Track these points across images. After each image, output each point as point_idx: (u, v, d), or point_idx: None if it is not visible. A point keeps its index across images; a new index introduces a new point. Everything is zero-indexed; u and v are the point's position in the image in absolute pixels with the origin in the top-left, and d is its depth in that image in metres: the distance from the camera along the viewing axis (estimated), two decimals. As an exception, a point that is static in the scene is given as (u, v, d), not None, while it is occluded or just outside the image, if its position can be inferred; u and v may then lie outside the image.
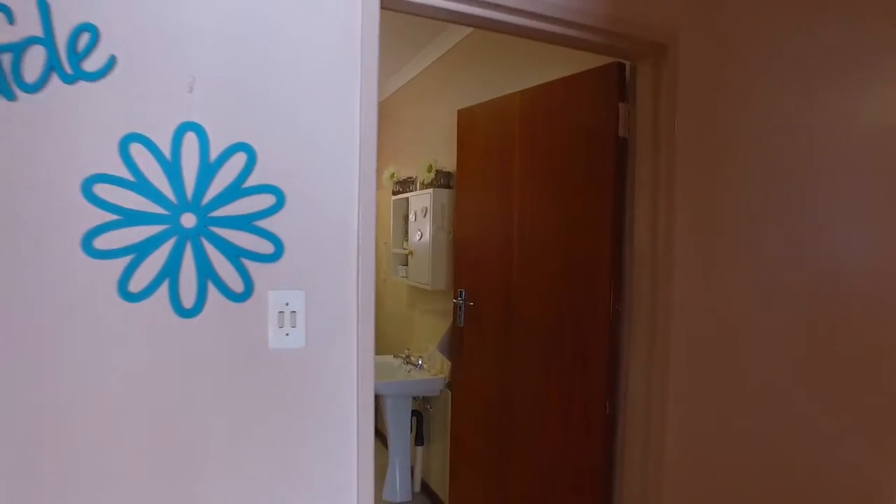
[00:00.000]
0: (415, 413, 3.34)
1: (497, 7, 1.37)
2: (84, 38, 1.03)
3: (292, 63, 1.21)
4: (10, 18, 0.97)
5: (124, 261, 1.10)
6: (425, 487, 3.35)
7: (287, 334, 1.21)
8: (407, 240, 3.52)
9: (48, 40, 1.00)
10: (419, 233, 3.25)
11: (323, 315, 1.24)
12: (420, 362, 3.27)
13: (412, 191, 3.43)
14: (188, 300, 1.14)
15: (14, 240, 1.01)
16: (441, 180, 3.04)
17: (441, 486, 3.08)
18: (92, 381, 1.08)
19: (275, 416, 1.21)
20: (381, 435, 3.94)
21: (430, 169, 3.14)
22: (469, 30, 2.65)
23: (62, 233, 1.04)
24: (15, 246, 1.01)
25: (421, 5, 1.35)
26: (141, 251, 1.11)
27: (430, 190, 3.05)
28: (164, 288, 1.13)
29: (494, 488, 2.31)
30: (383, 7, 1.30)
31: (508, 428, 2.21)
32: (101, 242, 1.08)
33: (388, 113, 3.91)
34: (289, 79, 1.21)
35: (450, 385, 2.91)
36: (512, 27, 1.46)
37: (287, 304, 1.21)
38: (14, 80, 0.99)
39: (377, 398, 3.53)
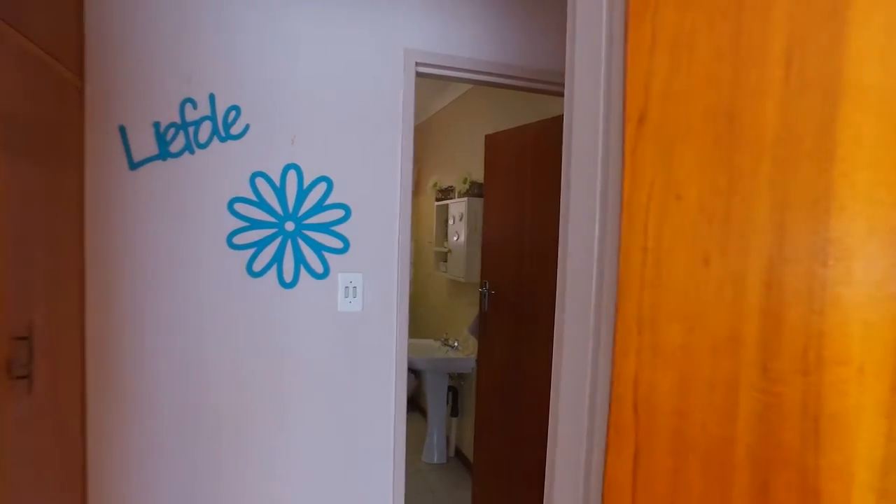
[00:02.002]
0: (450, 388, 3.91)
1: (490, 73, 1.94)
2: (232, 115, 1.68)
3: (355, 122, 1.82)
4: (195, 106, 1.63)
5: (250, 251, 1.74)
6: (458, 453, 3.93)
7: (350, 302, 1.82)
8: (447, 240, 4.11)
9: (213, 117, 1.66)
10: (457, 234, 3.83)
11: (374, 290, 1.85)
12: (455, 344, 3.85)
13: (451, 198, 4.01)
14: (288, 277, 1.78)
15: (195, 236, 1.67)
16: (475, 190, 3.61)
17: (471, 452, 3.65)
18: (230, 327, 1.72)
19: (343, 353, 1.83)
20: (421, 409, 4.55)
21: (465, 181, 3.72)
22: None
23: (218, 233, 1.69)
24: (196, 240, 1.67)
25: (439, 75, 1.93)
26: (260, 245, 1.75)
27: (466, 198, 3.63)
28: (273, 269, 1.76)
29: (509, 450, 2.86)
30: (418, 75, 1.90)
31: (520, 397, 2.76)
32: (237, 240, 1.72)
33: (433, 130, 4.52)
34: (353, 132, 1.82)
35: (478, 362, 3.47)
36: (505, 85, 2.03)
37: (351, 281, 1.82)
38: (194, 141, 1.64)
39: (419, 374, 4.14)
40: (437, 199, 4.30)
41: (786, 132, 0.49)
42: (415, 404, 4.71)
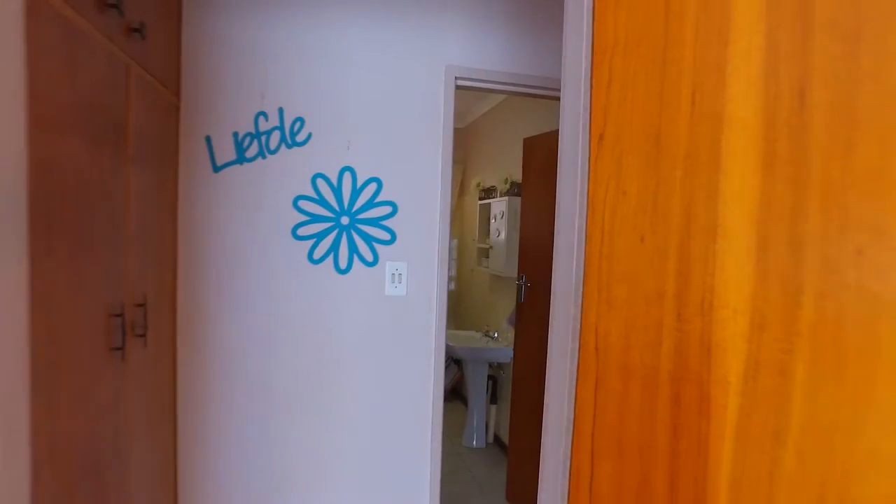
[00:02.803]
0: (490, 377, 4.14)
1: (522, 85, 2.15)
2: (297, 125, 1.97)
3: (402, 129, 2.08)
4: (266, 118, 1.93)
5: (311, 242, 2.03)
6: (496, 438, 4.15)
7: (395, 287, 2.09)
8: (489, 237, 4.33)
9: (281, 128, 1.96)
10: (498, 231, 4.05)
11: (417, 276, 2.11)
12: (495, 335, 4.08)
13: (493, 198, 4.24)
14: (343, 264, 2.05)
15: (266, 228, 1.97)
16: (514, 190, 3.82)
17: (508, 437, 3.86)
18: (294, 305, 2.02)
19: (388, 331, 2.10)
20: (463, 398, 4.80)
21: (506, 181, 3.94)
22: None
23: (284, 226, 1.99)
24: (266, 231, 1.97)
25: (477, 88, 2.16)
26: (319, 237, 2.03)
27: (507, 198, 3.85)
28: (330, 257, 2.05)
29: (539, 435, 3.07)
30: (457, 88, 2.14)
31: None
32: (300, 232, 2.01)
33: (477, 133, 4.75)
34: (400, 139, 2.08)
35: (514, 351, 3.69)
36: (536, 95, 2.24)
37: (397, 269, 2.09)
38: (266, 148, 1.95)
39: (461, 364, 4.38)
40: (480, 199, 4.53)
41: (692, 149, 0.70)
42: (457, 393, 4.96)
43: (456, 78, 2.06)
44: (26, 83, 0.86)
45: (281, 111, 1.96)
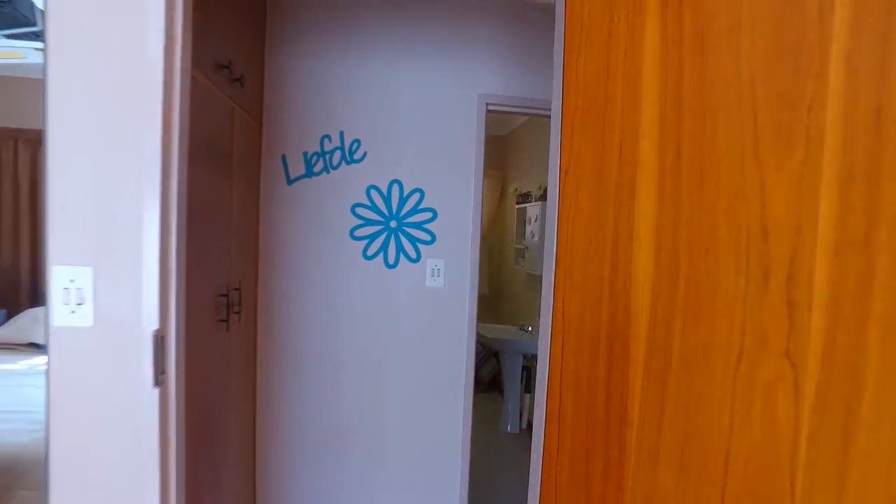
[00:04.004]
0: (524, 368, 4.48)
1: (545, 108, 2.49)
2: (355, 146, 2.40)
3: (441, 148, 2.46)
4: (330, 140, 2.37)
5: (365, 241, 2.45)
6: (529, 425, 4.48)
7: (435, 280, 2.48)
8: (524, 238, 4.67)
9: (342, 148, 2.39)
10: (532, 233, 4.39)
11: (453, 271, 2.49)
12: (529, 328, 4.41)
13: (529, 202, 4.57)
14: (391, 261, 2.46)
15: (329, 230, 2.41)
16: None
17: (540, 420, 4.19)
18: (350, 293, 2.44)
19: (429, 317, 2.49)
20: (500, 389, 5.15)
21: (540, 187, 4.27)
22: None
23: (344, 228, 2.42)
24: (329, 233, 2.41)
25: (505, 111, 2.53)
26: (372, 237, 2.45)
27: (540, 202, 4.18)
28: (381, 255, 2.46)
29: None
30: (488, 112, 2.51)
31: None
32: (356, 233, 2.44)
33: (515, 142, 5.10)
34: (439, 156, 2.47)
35: (547, 344, 4.01)
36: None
37: (436, 265, 2.48)
38: (329, 165, 2.38)
39: (498, 357, 4.74)
40: (517, 203, 4.87)
41: (620, 181, 1.05)
42: (494, 384, 5.32)
43: (487, 104, 2.44)
44: (179, 125, 1.29)
45: (342, 134, 2.39)
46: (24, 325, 4.03)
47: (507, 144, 5.31)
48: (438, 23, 2.42)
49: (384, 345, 2.47)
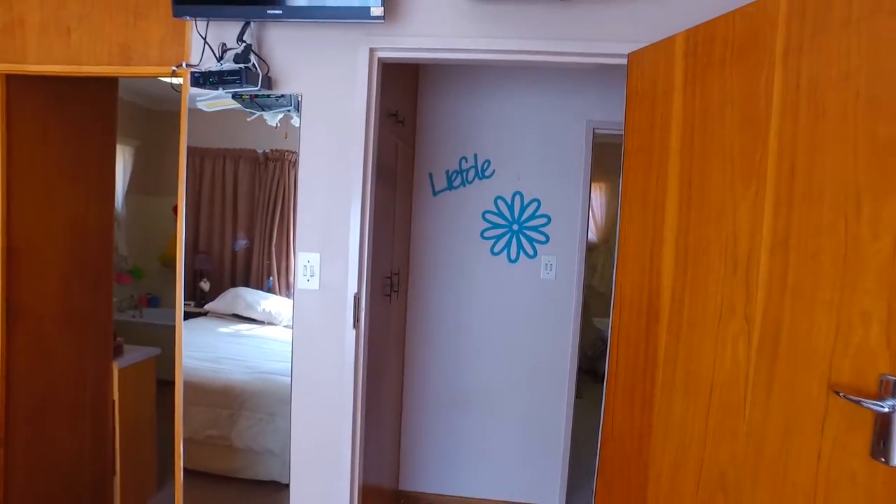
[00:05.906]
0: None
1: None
2: (485, 164, 3.01)
3: (555, 165, 2.98)
4: (466, 160, 3.01)
5: (492, 241, 3.05)
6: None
7: (548, 273, 3.00)
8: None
9: (476, 166, 3.01)
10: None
11: (563, 266, 3.00)
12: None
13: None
14: (513, 257, 3.04)
15: (465, 233, 3.05)
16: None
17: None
18: (480, 282, 3.06)
19: (542, 303, 3.02)
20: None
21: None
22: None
23: (476, 230, 3.04)
24: (464, 235, 3.05)
25: (611, 134, 2.96)
26: (498, 238, 3.04)
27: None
28: (504, 252, 3.04)
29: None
30: (595, 136, 2.96)
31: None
32: (486, 234, 3.05)
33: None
34: (554, 172, 2.98)
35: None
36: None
37: (549, 261, 3.00)
38: (465, 180, 3.02)
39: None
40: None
41: (655, 201, 1.52)
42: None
43: (594, 128, 2.90)
44: (373, 159, 1.99)
45: (475, 156, 3.01)
46: (229, 300, 5.28)
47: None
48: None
49: (504, 323, 3.06)
